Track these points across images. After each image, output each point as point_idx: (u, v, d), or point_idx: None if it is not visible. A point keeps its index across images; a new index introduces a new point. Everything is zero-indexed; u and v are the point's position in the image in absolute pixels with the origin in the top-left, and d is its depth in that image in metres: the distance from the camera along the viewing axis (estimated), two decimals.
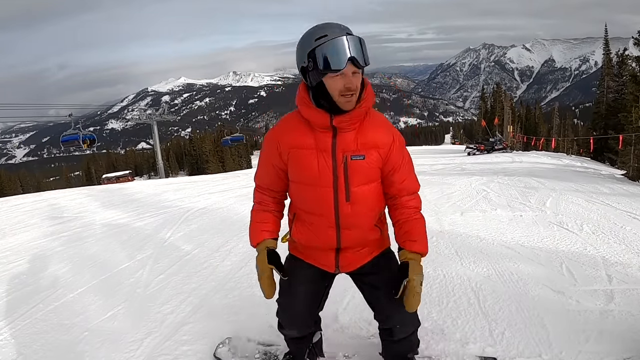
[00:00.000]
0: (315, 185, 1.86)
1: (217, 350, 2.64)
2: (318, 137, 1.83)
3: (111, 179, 56.69)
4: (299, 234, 2.04)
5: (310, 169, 1.84)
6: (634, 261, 3.85)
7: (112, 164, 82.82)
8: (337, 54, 1.65)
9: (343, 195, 1.85)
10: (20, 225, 7.08)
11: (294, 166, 1.90)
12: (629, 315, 2.83)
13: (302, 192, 1.93)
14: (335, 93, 1.71)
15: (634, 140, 13.87)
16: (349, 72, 1.67)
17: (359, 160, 1.82)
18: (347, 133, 1.81)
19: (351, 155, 1.81)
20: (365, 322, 2.85)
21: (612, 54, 31.34)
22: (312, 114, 1.80)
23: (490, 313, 2.94)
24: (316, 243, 2.00)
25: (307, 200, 1.94)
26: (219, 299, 3.43)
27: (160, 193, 10.84)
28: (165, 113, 44.28)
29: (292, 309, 2.14)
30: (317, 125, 1.81)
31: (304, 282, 2.08)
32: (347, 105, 1.74)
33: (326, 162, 1.82)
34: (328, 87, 1.72)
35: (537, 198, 7.04)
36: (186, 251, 4.83)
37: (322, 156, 1.83)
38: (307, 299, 2.12)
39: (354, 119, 1.79)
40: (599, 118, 30.46)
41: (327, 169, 1.83)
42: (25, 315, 3.27)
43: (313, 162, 1.84)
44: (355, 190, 1.85)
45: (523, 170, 12.75)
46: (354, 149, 1.82)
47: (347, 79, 1.68)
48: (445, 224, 5.49)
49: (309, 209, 1.94)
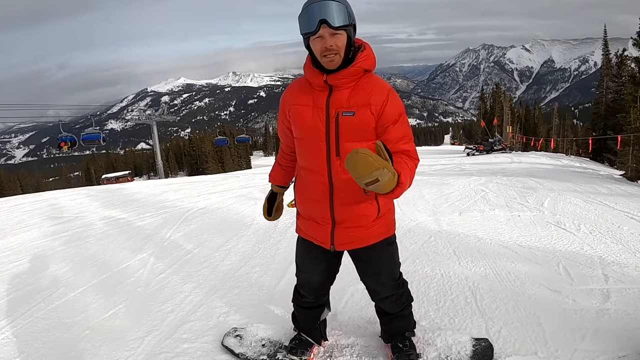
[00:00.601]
0: (310, 139, 2.02)
1: (224, 340, 2.70)
2: (316, 95, 1.99)
3: (111, 179, 56.71)
4: (300, 198, 2.22)
5: (305, 123, 2.02)
6: (631, 261, 3.87)
7: (112, 164, 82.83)
8: (309, 18, 1.82)
9: (334, 151, 1.97)
10: (21, 225, 7.09)
11: (294, 121, 2.08)
12: (625, 314, 2.85)
13: (300, 146, 2.11)
14: (318, 54, 1.89)
15: (632, 141, 13.87)
16: (325, 33, 1.82)
17: (349, 117, 1.93)
18: (341, 91, 1.94)
19: (343, 112, 1.93)
20: (364, 320, 2.88)
21: (611, 54, 31.41)
22: (310, 74, 1.99)
23: (487, 312, 2.97)
24: (312, 209, 2.14)
25: (304, 154, 2.11)
26: (219, 298, 3.45)
27: (160, 193, 10.84)
28: (164, 113, 44.31)
29: (309, 283, 2.39)
30: (314, 85, 1.99)
31: (316, 262, 2.29)
32: (330, 65, 1.89)
33: (320, 117, 1.97)
34: (313, 50, 1.91)
35: (535, 198, 7.05)
36: (186, 250, 4.85)
37: (317, 112, 1.98)
38: (321, 275, 2.35)
39: (347, 77, 1.92)
40: (598, 119, 30.50)
41: (321, 123, 1.97)
42: (27, 314, 3.29)
43: (308, 117, 2.00)
44: (345, 145, 1.94)
45: (522, 170, 12.76)
46: (346, 105, 1.93)
47: (324, 40, 1.84)
48: (443, 224, 5.51)
49: (305, 163, 2.11)
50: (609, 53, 31.79)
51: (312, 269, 2.33)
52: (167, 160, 68.99)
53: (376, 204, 2.08)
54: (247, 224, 6.11)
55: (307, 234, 2.23)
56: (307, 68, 2.00)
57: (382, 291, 2.30)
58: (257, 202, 7.99)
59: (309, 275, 2.37)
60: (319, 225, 2.14)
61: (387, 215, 2.18)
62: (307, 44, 1.92)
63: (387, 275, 2.27)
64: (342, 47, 1.86)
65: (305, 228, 2.24)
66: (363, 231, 2.10)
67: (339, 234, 2.10)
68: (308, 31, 1.84)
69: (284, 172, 2.45)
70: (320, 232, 2.14)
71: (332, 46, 1.83)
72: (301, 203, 2.22)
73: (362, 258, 2.23)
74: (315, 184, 2.06)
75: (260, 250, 4.70)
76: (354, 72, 1.92)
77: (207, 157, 63.70)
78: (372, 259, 2.22)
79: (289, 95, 2.12)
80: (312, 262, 2.31)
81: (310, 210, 2.16)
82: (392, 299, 2.32)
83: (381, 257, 2.23)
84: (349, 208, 2.05)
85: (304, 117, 2.02)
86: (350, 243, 2.14)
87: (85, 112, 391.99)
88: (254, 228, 5.78)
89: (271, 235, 5.27)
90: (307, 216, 2.21)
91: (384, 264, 2.25)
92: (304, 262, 2.36)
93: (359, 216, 2.07)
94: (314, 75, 1.96)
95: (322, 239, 2.15)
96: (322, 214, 2.10)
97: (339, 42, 1.84)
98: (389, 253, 2.26)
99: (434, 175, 11.68)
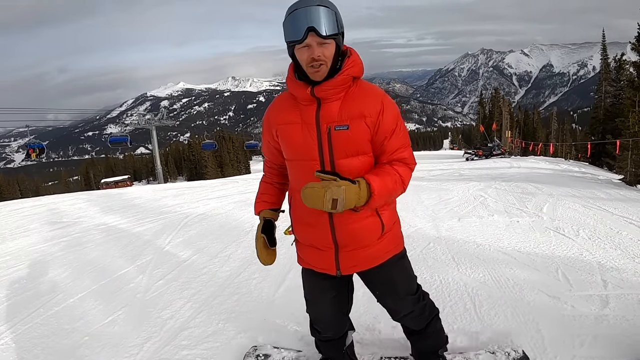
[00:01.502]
0: (302, 159, 1.84)
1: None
2: (303, 110, 1.82)
3: (110, 184, 56.73)
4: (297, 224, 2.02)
5: (295, 142, 1.84)
6: (630, 266, 3.87)
7: (111, 168, 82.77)
8: (295, 25, 1.66)
9: (329, 169, 1.80)
10: (20, 229, 7.10)
11: (283, 142, 1.90)
12: (624, 320, 2.86)
13: (293, 168, 1.94)
14: (304, 64, 1.73)
15: (631, 145, 13.90)
16: (312, 42, 1.67)
17: (343, 131, 1.76)
18: (331, 103, 1.78)
19: (335, 126, 1.76)
20: (362, 327, 2.88)
21: (609, 59, 31.42)
22: (294, 87, 1.82)
23: (486, 318, 2.97)
24: (312, 235, 1.96)
25: (297, 176, 1.92)
26: (218, 304, 3.46)
27: (160, 198, 10.85)
28: (164, 118, 44.34)
29: (323, 318, 2.21)
30: (300, 98, 1.81)
31: (325, 290, 2.10)
32: (315, 76, 1.73)
33: (311, 134, 1.80)
34: (298, 59, 1.74)
35: (534, 204, 7.06)
36: (185, 257, 4.85)
37: (307, 129, 1.80)
38: (332, 304, 2.15)
39: (335, 87, 1.75)
40: (596, 123, 30.52)
41: (312, 141, 1.79)
42: (26, 320, 3.30)
43: (298, 136, 1.82)
44: (341, 162, 1.78)
45: (521, 175, 12.77)
46: (338, 119, 1.77)
47: (311, 50, 1.68)
48: (442, 229, 5.52)
49: (299, 186, 1.84)
50: (607, 57, 31.82)
51: (321, 298, 2.14)
52: (166, 165, 69.01)
53: (379, 220, 1.91)
54: (246, 229, 6.11)
55: (310, 262, 2.04)
56: (290, 80, 1.83)
57: (403, 308, 2.12)
58: None
59: (319, 306, 2.18)
60: (321, 252, 1.95)
61: (393, 230, 2.02)
62: (291, 53, 1.76)
63: (404, 290, 2.11)
64: (330, 57, 1.71)
65: (307, 257, 2.04)
66: (369, 251, 1.93)
67: (343, 257, 1.93)
68: (293, 39, 1.69)
69: (277, 191, 2.18)
70: (324, 258, 1.96)
71: (320, 56, 1.68)
72: (299, 229, 2.02)
73: (373, 278, 2.07)
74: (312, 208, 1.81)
75: None
76: (341, 81, 1.75)
77: (206, 162, 63.69)
78: (385, 277, 2.05)
79: (274, 113, 1.94)
80: (320, 291, 2.12)
81: (310, 236, 1.97)
82: (414, 315, 2.14)
83: (393, 273, 2.05)
84: (350, 229, 1.87)
85: (292, 136, 1.84)
86: (357, 265, 1.97)
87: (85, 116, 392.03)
88: (253, 234, 5.72)
89: None
90: (307, 243, 2.01)
91: (398, 279, 2.09)
92: (312, 293, 2.16)
93: (363, 236, 1.90)
94: (299, 87, 1.79)
95: (327, 266, 1.97)
96: (323, 239, 1.91)
97: (327, 51, 1.69)
98: (401, 267, 2.09)
99: (432, 181, 11.69)
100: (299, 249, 2.09)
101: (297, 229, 2.03)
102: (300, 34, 1.65)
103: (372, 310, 2.96)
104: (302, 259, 2.09)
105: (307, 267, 2.08)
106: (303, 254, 2.07)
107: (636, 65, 14.65)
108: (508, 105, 48.15)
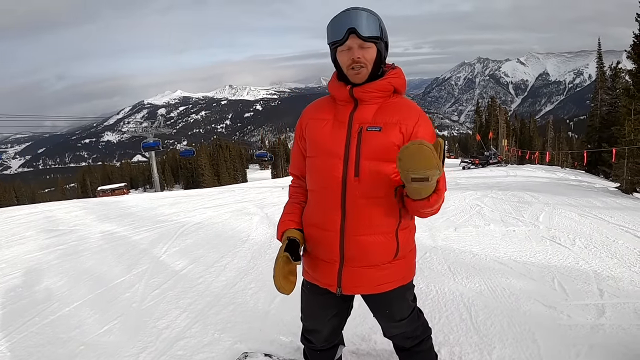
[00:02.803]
0: (325, 155, 1.78)
1: None
2: (339, 109, 1.81)
3: (106, 192, 56.65)
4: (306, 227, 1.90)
5: (322, 137, 1.80)
6: (626, 275, 3.90)
7: (108, 176, 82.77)
8: (337, 26, 1.67)
9: (352, 170, 1.72)
10: (16, 237, 7.07)
11: (309, 137, 1.86)
12: (620, 329, 2.87)
13: (313, 165, 1.85)
14: (344, 67, 1.73)
15: (627, 154, 13.97)
16: (353, 44, 1.67)
17: (374, 132, 1.71)
18: (368, 106, 1.76)
19: (367, 127, 1.73)
20: (359, 338, 2.88)
21: (605, 67, 31.64)
22: (334, 87, 1.82)
23: (481, 328, 2.98)
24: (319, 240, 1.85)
25: (315, 174, 1.85)
26: (214, 315, 3.44)
27: (156, 207, 10.83)
28: (161, 126, 44.48)
29: (318, 332, 2.11)
30: (338, 98, 1.81)
31: (325, 308, 2.03)
32: (356, 79, 1.72)
33: (340, 132, 1.76)
34: (339, 62, 1.74)
35: (531, 212, 7.08)
36: (182, 266, 4.83)
37: (337, 126, 1.78)
38: (332, 322, 2.08)
39: (375, 91, 1.74)
40: (592, 131, 30.69)
41: (340, 139, 1.75)
42: (21, 329, 3.28)
43: (326, 131, 1.80)
44: (365, 164, 1.71)
45: (517, 184, 12.81)
46: (372, 121, 1.74)
47: (352, 52, 1.68)
48: (438, 239, 5.52)
49: (315, 185, 1.84)
50: (603, 66, 32.05)
51: (321, 315, 2.06)
52: (163, 173, 69.06)
53: (395, 241, 1.81)
54: (242, 239, 6.10)
55: (315, 276, 1.94)
56: (332, 81, 1.84)
57: (396, 330, 2.06)
58: (253, 217, 8.00)
59: (316, 323, 2.10)
60: (324, 264, 1.86)
61: (408, 258, 1.93)
62: (333, 57, 1.76)
63: (399, 316, 2.01)
64: (371, 61, 1.70)
65: (310, 268, 1.95)
66: (376, 273, 1.83)
67: (347, 273, 1.83)
68: (335, 40, 1.69)
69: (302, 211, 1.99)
70: (326, 271, 1.87)
71: (360, 58, 1.67)
72: (308, 232, 1.90)
73: (372, 301, 1.98)
74: (324, 208, 1.80)
75: (255, 266, 4.69)
76: (382, 86, 1.74)
77: (203, 170, 63.70)
78: (383, 304, 1.97)
79: (310, 110, 1.92)
80: (320, 308, 2.04)
81: (316, 241, 1.87)
82: (406, 335, 2.08)
83: (394, 303, 1.96)
84: (362, 241, 1.77)
85: (320, 131, 1.81)
86: (359, 287, 1.86)
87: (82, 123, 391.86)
88: (249, 243, 5.77)
89: (266, 251, 5.26)
90: (311, 251, 1.92)
91: (396, 309, 1.99)
92: (310, 309, 2.08)
93: (373, 252, 1.79)
94: (338, 87, 1.79)
95: (328, 281, 1.88)
96: (329, 246, 1.82)
97: (367, 55, 1.68)
98: (404, 299, 1.99)
99: None
100: (305, 261, 1.99)
101: (307, 232, 1.90)
102: (341, 34, 1.66)
103: (368, 321, 2.93)
104: (307, 272, 1.99)
105: (312, 281, 1.97)
106: (308, 266, 1.97)
107: (632, 74, 14.73)
108: (504, 113, 48.38)
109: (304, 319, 2.14)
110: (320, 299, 1.98)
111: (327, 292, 1.91)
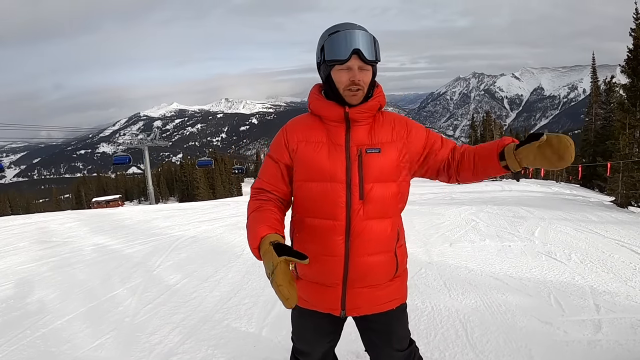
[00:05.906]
0: (325, 181, 1.71)
1: None
2: (330, 130, 1.74)
3: (101, 203, 56.44)
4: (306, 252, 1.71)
5: (319, 162, 1.71)
6: (622, 290, 3.90)
7: (103, 187, 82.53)
8: (343, 45, 1.63)
9: (357, 193, 1.68)
10: (9, 248, 7.02)
11: (302, 161, 1.75)
12: (617, 344, 2.86)
13: (310, 190, 1.75)
14: (341, 86, 1.67)
15: (621, 168, 14.04)
16: (354, 65, 1.64)
17: (375, 154, 1.70)
18: (361, 127, 1.73)
19: (366, 149, 1.70)
20: (353, 355, 2.85)
21: (599, 81, 31.96)
22: (324, 106, 1.74)
23: (477, 345, 2.95)
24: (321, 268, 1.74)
25: (314, 200, 1.74)
26: (207, 330, 3.40)
27: (150, 220, 10.79)
28: (156, 138, 44.41)
29: (310, 355, 2.00)
30: (329, 118, 1.74)
31: (322, 333, 1.94)
32: (352, 100, 1.68)
33: (338, 155, 1.70)
34: (335, 81, 1.69)
35: (526, 227, 7.09)
36: (175, 280, 4.79)
37: (335, 149, 1.71)
38: (325, 345, 1.99)
39: (367, 111, 1.71)
40: (587, 145, 30.89)
41: (340, 163, 1.69)
42: (12, 341, 3.23)
43: (323, 156, 1.71)
44: (370, 187, 1.69)
45: (512, 199, 12.86)
46: (369, 142, 1.71)
47: (353, 73, 1.64)
48: (434, 255, 5.51)
49: (316, 211, 1.74)
50: (597, 80, 32.40)
51: (316, 341, 1.97)
52: (158, 185, 68.86)
53: (395, 259, 1.80)
54: (237, 253, 6.07)
55: (310, 302, 1.82)
56: (317, 99, 1.76)
57: None
58: None
59: (309, 346, 1.99)
60: (324, 289, 1.78)
61: (402, 277, 1.90)
62: (327, 73, 1.70)
63: (398, 345, 1.90)
64: (368, 83, 1.69)
65: (307, 295, 1.82)
66: (377, 293, 1.79)
67: (351, 295, 1.76)
68: (337, 59, 1.63)
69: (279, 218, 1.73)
70: (329, 296, 1.78)
71: (360, 81, 1.65)
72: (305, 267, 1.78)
73: (370, 325, 1.87)
74: (327, 233, 1.71)
75: (250, 281, 4.66)
76: (372, 106, 1.72)
77: (198, 183, 63.58)
78: (383, 326, 1.87)
79: (294, 131, 1.79)
80: (316, 333, 1.94)
81: (317, 269, 1.76)
82: None
83: (393, 324, 1.89)
84: (365, 261, 1.72)
85: (318, 155, 1.72)
86: (361, 307, 1.79)
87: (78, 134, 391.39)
88: (243, 258, 5.74)
89: (261, 266, 5.19)
90: (310, 279, 1.81)
91: (396, 333, 1.90)
92: (303, 332, 1.98)
93: (377, 272, 1.76)
94: (331, 107, 1.71)
95: (331, 305, 1.79)
96: (330, 271, 1.74)
97: (365, 77, 1.67)
98: (402, 321, 1.93)
99: (424, 205, 11.73)
100: (299, 288, 1.68)
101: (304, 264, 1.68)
102: (345, 54, 1.62)
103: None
104: (303, 299, 1.82)
105: (311, 308, 1.83)
106: (304, 293, 1.81)
107: (626, 88, 14.84)
108: (499, 128, 48.63)
109: (295, 340, 2.02)
110: (316, 322, 1.89)
111: (323, 315, 1.83)
